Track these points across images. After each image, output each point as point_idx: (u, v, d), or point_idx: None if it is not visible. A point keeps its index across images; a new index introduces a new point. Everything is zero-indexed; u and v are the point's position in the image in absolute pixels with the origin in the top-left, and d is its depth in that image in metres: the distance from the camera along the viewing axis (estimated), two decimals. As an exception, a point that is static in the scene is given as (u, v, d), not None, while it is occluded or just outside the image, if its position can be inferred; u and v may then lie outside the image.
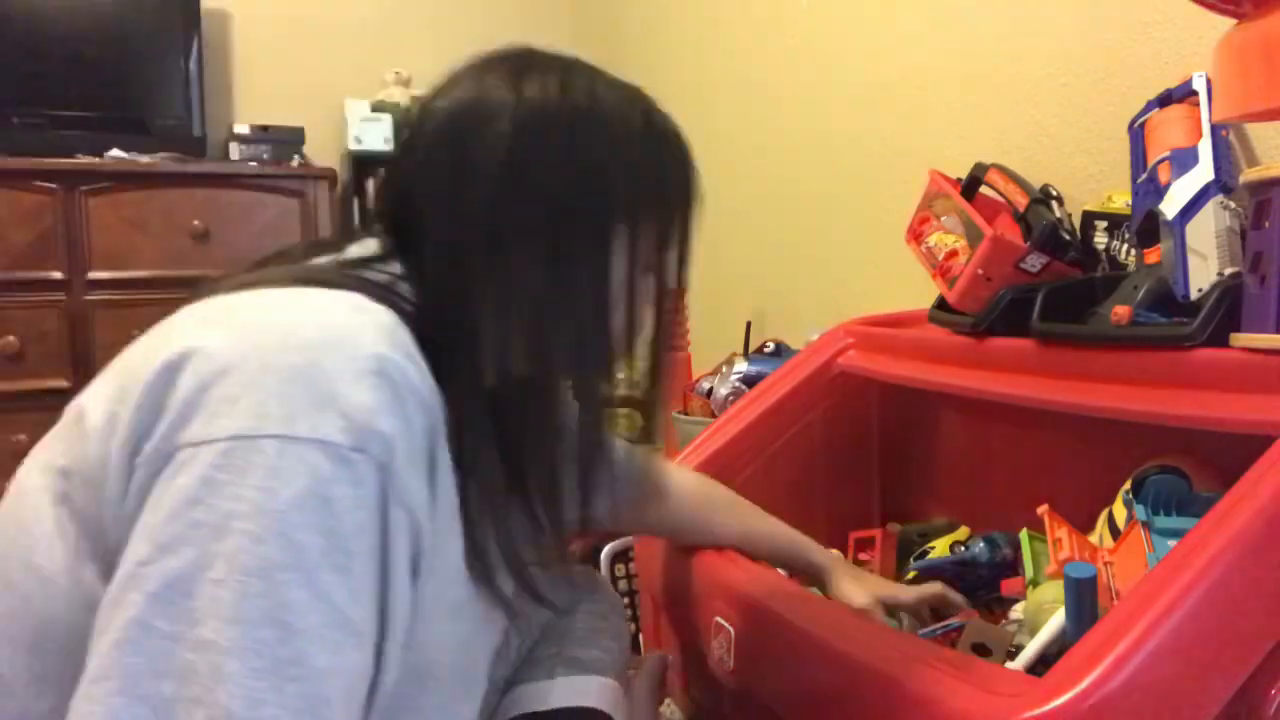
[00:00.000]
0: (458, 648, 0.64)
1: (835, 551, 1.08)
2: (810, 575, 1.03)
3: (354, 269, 0.60)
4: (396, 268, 0.61)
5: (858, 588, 0.98)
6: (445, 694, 0.63)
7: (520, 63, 0.64)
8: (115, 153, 2.52)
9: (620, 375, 0.67)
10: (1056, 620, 0.77)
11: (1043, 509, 0.91)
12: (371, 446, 0.49)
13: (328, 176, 2.73)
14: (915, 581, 1.10)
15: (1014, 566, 1.08)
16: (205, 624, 0.45)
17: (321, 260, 0.63)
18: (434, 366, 0.56)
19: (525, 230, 0.60)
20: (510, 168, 0.59)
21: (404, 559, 0.52)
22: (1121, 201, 1.09)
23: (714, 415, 1.58)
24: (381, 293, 0.57)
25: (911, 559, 1.18)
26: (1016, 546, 1.05)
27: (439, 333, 0.58)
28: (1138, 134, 1.04)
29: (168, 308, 0.58)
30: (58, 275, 2.41)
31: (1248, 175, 0.80)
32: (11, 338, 2.36)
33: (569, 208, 0.61)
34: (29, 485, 0.55)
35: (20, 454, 0.57)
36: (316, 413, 0.48)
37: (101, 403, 0.53)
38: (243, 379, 0.49)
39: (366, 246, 0.63)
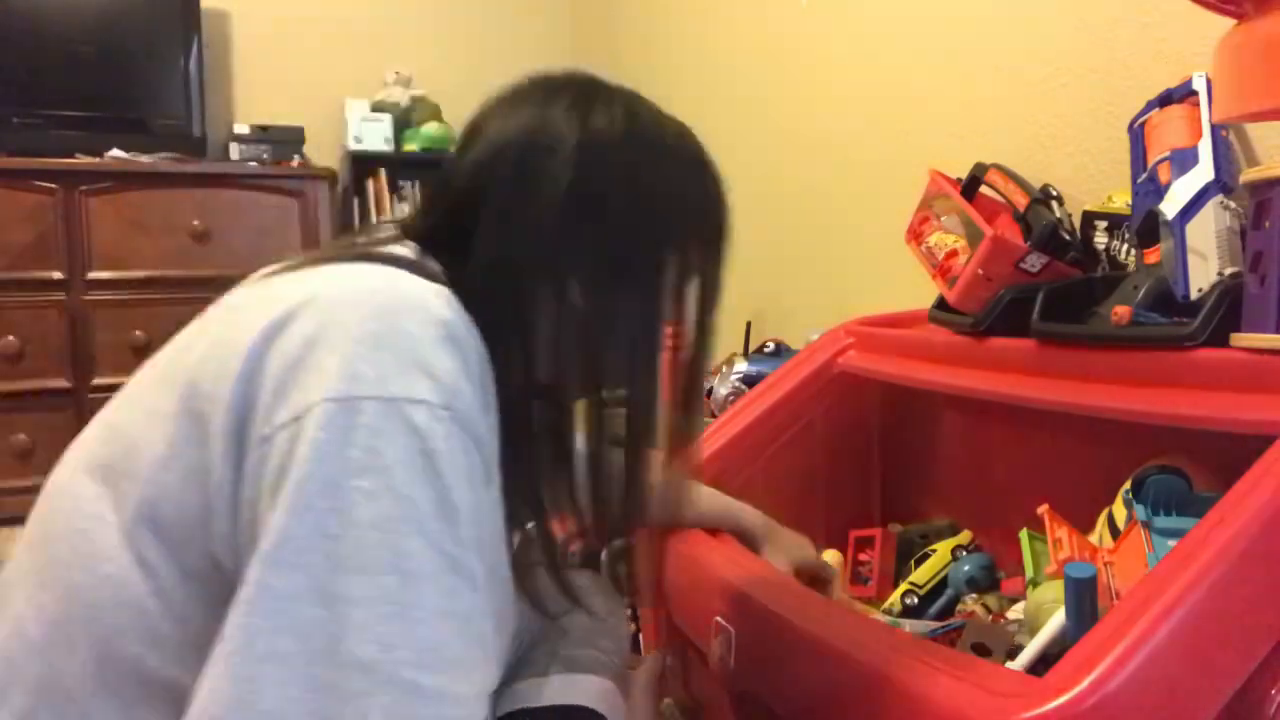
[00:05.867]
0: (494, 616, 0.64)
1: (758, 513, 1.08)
2: (741, 538, 1.04)
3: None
4: (435, 269, 0.63)
5: (780, 557, 1.01)
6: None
7: (584, 90, 0.66)
8: (115, 153, 2.52)
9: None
10: (1056, 620, 0.77)
11: (1043, 509, 0.91)
12: (457, 405, 0.51)
13: (328, 176, 2.74)
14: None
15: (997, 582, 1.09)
16: (325, 578, 0.46)
17: (365, 241, 0.65)
18: None
19: (585, 254, 0.63)
20: (575, 193, 0.62)
21: (488, 508, 0.55)
22: (1121, 201, 1.09)
23: (714, 415, 1.58)
24: (430, 270, 0.60)
25: (913, 561, 1.18)
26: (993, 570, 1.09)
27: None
28: (1138, 134, 1.04)
29: (168, 307, 0.58)
30: (58, 275, 2.41)
31: (1248, 175, 0.80)
32: (11, 338, 2.36)
33: (629, 235, 0.63)
34: (81, 492, 0.55)
35: (21, 454, 0.57)
36: (406, 374, 0.50)
37: (169, 403, 0.54)
38: (328, 347, 0.50)
39: (406, 249, 0.65)
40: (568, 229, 0.61)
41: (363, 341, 0.50)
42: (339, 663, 0.45)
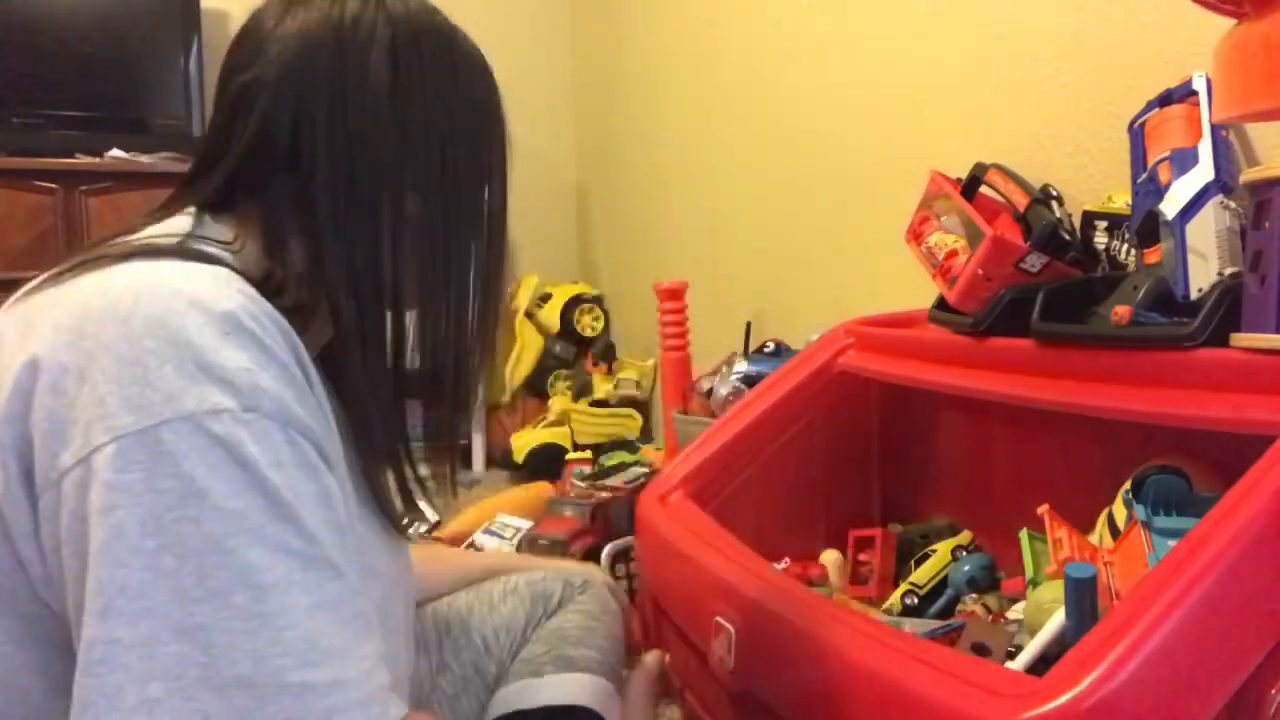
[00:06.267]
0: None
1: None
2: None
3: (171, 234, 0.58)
4: (224, 229, 0.59)
5: None
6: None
7: None
8: (115, 153, 2.52)
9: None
10: (1056, 620, 0.77)
11: (1043, 509, 0.91)
12: (262, 403, 0.48)
13: (327, 176, 2.73)
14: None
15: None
16: (176, 614, 0.44)
17: (132, 237, 0.59)
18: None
19: (418, 158, 0.59)
20: (399, 93, 0.59)
21: (333, 487, 0.52)
22: (1121, 201, 1.09)
23: (714, 415, 1.58)
24: (204, 252, 0.55)
25: (913, 561, 1.18)
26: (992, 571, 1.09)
27: (287, 271, 0.57)
28: (1138, 134, 1.04)
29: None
30: (58, 275, 2.41)
31: (1248, 175, 0.80)
32: (11, 338, 2.36)
33: (455, 129, 0.61)
34: None
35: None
36: (196, 385, 0.46)
37: None
38: (101, 376, 0.47)
39: (182, 220, 0.60)
40: (399, 133, 0.59)
41: (138, 363, 0.46)
42: (218, 686, 0.44)
